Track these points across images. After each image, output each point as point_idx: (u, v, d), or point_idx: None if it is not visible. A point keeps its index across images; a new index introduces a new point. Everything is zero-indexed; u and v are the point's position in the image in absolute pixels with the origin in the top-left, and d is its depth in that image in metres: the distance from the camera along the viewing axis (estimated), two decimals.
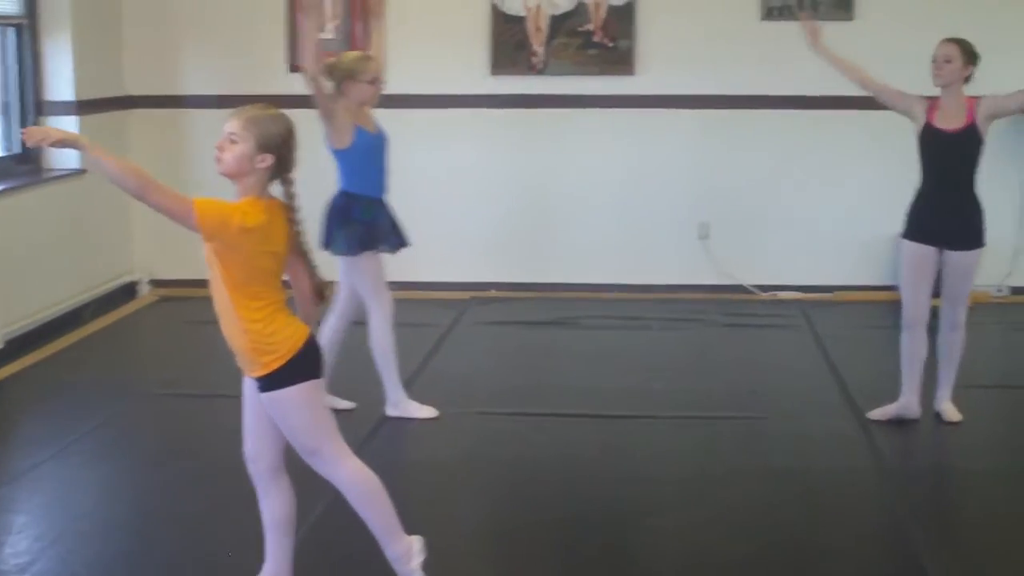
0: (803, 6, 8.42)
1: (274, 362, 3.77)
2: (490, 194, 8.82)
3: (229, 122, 3.83)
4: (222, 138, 3.83)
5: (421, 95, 8.68)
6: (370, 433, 5.83)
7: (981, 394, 6.48)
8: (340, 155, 5.90)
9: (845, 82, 8.53)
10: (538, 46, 8.63)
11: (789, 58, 8.47)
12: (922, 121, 6.00)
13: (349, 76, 5.87)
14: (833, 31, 8.39)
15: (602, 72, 8.63)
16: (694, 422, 6.00)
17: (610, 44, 8.59)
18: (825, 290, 8.69)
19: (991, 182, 8.28)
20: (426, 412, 6.06)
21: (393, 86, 8.59)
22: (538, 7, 8.59)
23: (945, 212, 5.94)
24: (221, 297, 3.89)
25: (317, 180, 5.35)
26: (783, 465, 5.46)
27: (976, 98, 5.90)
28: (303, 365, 3.81)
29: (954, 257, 5.94)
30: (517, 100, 8.69)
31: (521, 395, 6.47)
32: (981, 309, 8.32)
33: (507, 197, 8.79)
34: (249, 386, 3.93)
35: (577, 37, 8.62)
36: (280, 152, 3.82)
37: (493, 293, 8.81)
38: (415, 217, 8.71)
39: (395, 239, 6.12)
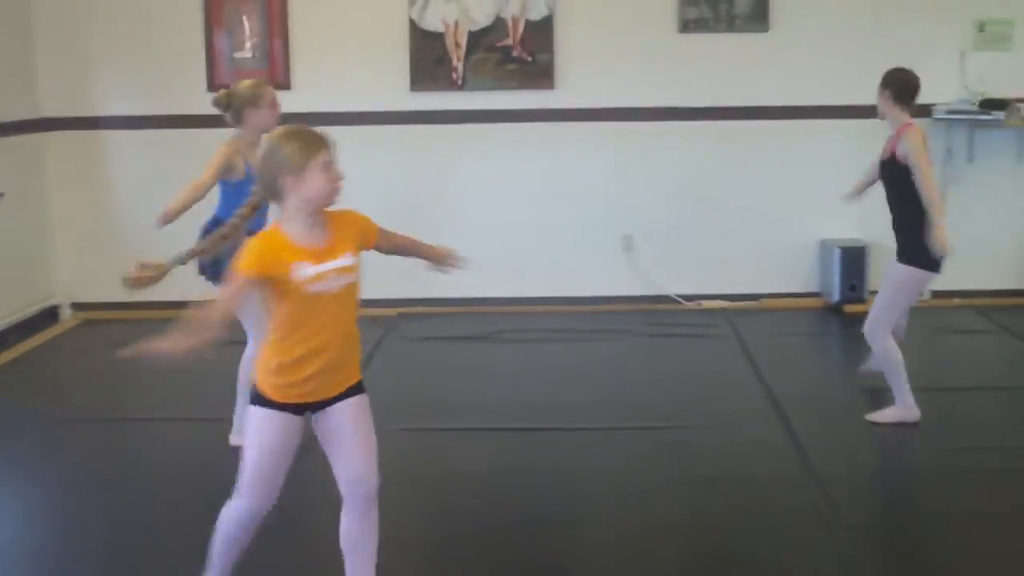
0: (720, 17, 8.49)
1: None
2: (413, 210, 8.79)
3: (329, 150, 3.80)
4: (334, 166, 3.83)
5: (340, 112, 8.65)
6: (302, 449, 5.78)
7: None
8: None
9: (763, 93, 8.68)
10: (457, 62, 8.63)
11: (706, 70, 8.58)
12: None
13: (250, 104, 5.82)
14: (749, 43, 8.54)
15: (522, 87, 8.65)
16: (621, 433, 6.01)
17: (529, 59, 8.62)
18: (750, 298, 8.76)
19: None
20: None
21: (312, 104, 8.60)
22: (456, 23, 8.59)
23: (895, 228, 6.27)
24: (351, 316, 4.09)
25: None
26: (711, 474, 5.49)
27: (907, 128, 6.00)
28: None
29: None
30: (437, 116, 8.69)
31: (448, 410, 6.47)
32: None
33: (430, 213, 8.77)
34: (338, 412, 3.97)
35: (496, 52, 8.63)
36: None
37: (420, 309, 8.80)
38: None
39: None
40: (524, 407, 6.46)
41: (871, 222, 8.62)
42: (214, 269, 5.66)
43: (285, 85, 8.66)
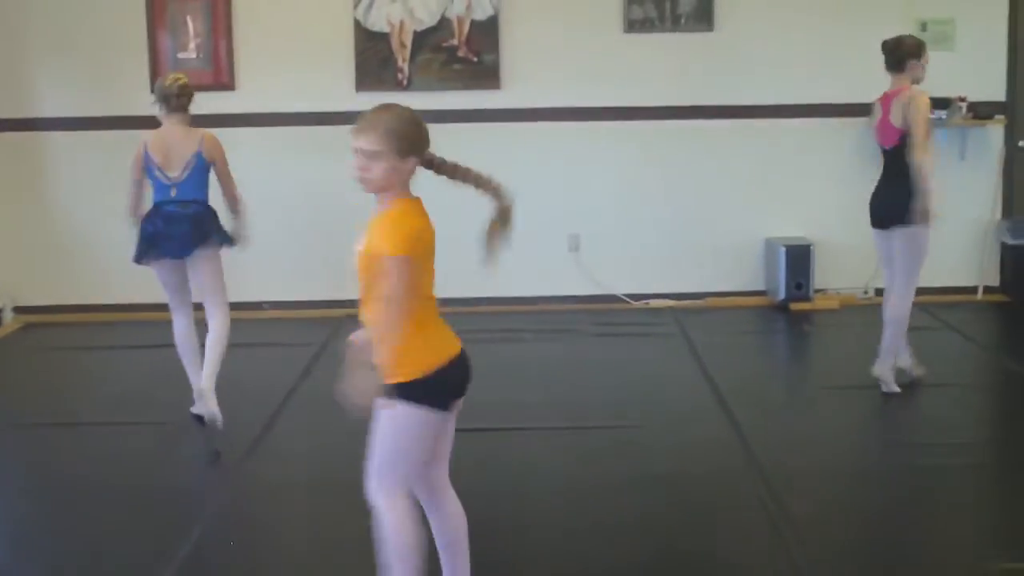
0: (665, 17, 8.52)
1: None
2: (360, 210, 8.72)
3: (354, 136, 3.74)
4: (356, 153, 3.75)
5: (285, 113, 8.61)
6: (247, 453, 5.77)
7: (851, 394, 6.59)
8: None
9: (708, 92, 8.72)
10: (403, 62, 8.61)
11: (652, 70, 8.60)
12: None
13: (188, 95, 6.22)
14: (694, 42, 8.57)
15: (468, 87, 8.64)
16: (569, 432, 6.01)
17: (475, 59, 8.61)
18: (697, 297, 8.79)
19: (854, 186, 8.51)
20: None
21: (258, 105, 8.56)
22: (402, 23, 8.57)
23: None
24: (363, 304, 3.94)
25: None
26: (659, 472, 5.49)
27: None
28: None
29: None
30: None
31: None
32: (848, 311, 8.52)
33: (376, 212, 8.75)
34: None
35: (442, 52, 8.62)
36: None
37: None
38: (288, 235, 8.70)
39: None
40: (472, 407, 6.37)
41: (815, 221, 8.71)
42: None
43: (229, 86, 8.62)
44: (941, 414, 6.30)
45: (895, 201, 6.31)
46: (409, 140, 3.76)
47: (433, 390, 3.77)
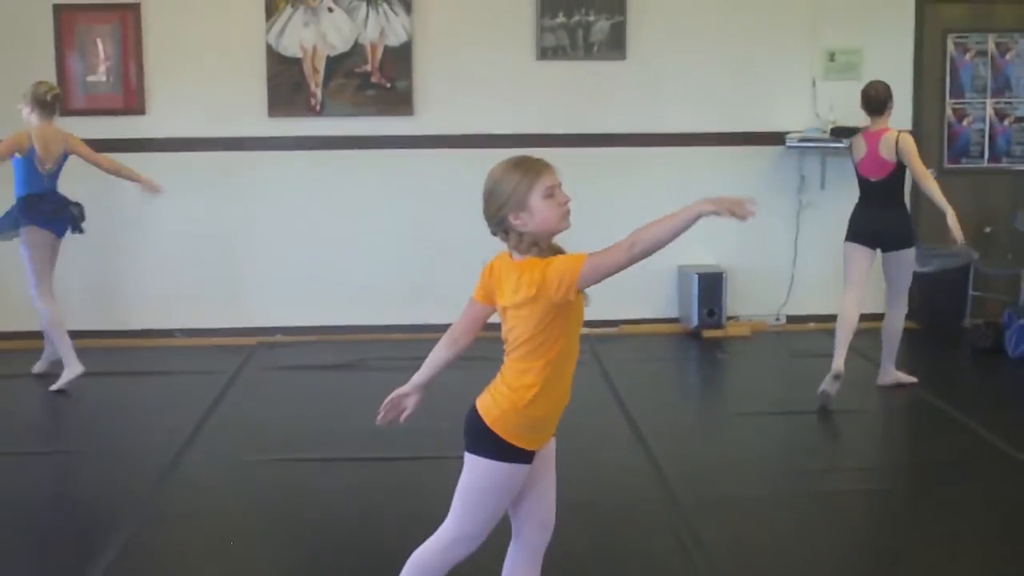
0: (578, 45, 8.57)
1: None
2: (272, 237, 8.71)
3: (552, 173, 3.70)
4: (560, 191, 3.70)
5: (197, 138, 8.53)
6: (159, 480, 5.69)
7: (763, 420, 6.65)
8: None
9: (618, 119, 8.77)
10: (315, 87, 8.57)
11: (564, 97, 8.64)
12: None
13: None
14: (607, 70, 8.63)
15: (381, 113, 8.62)
16: None
17: (388, 85, 8.59)
18: (610, 324, 8.81)
19: (766, 214, 8.53)
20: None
21: (168, 129, 8.48)
22: (314, 48, 8.54)
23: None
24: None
25: None
26: (573, 500, 5.46)
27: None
28: None
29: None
30: (296, 142, 8.62)
31: (311, 440, 6.38)
32: (759, 338, 8.59)
33: (290, 239, 8.70)
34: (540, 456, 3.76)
35: (355, 78, 8.59)
36: None
37: (280, 338, 8.70)
38: (199, 262, 8.61)
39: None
40: (387, 436, 6.34)
41: (727, 249, 8.78)
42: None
43: (139, 110, 8.54)
44: (850, 440, 6.37)
45: (901, 225, 7.04)
46: None
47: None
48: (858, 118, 8.49)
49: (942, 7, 8.94)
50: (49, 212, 7.28)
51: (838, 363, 6.76)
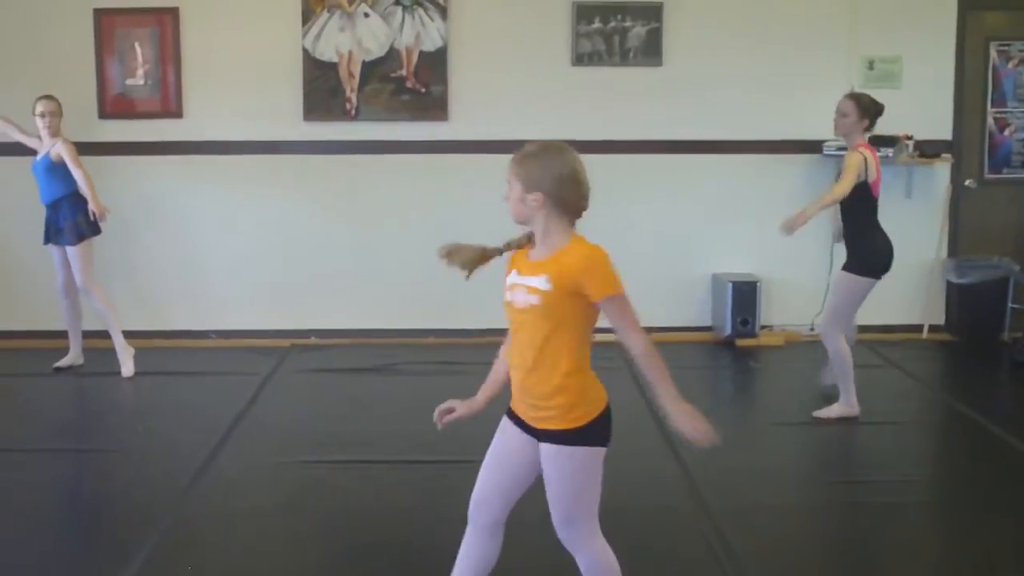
0: (614, 51, 8.55)
1: (583, 417, 3.72)
2: (306, 240, 8.73)
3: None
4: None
5: (233, 141, 8.56)
6: (192, 481, 5.70)
7: (795, 430, 6.61)
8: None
9: (654, 126, 8.74)
10: (351, 92, 8.58)
11: (599, 104, 8.62)
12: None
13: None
14: (643, 77, 8.60)
15: (415, 118, 8.62)
16: None
17: (423, 90, 8.60)
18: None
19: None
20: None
21: (204, 133, 8.51)
22: (350, 53, 8.55)
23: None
24: (534, 341, 3.83)
25: None
26: (603, 505, 5.44)
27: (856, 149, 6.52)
28: (604, 428, 3.80)
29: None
30: (331, 146, 8.63)
31: (342, 443, 6.39)
32: (792, 347, 8.54)
33: (324, 243, 8.72)
34: (541, 453, 3.80)
35: (390, 83, 8.60)
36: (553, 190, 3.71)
37: (313, 340, 8.71)
38: (235, 264, 8.64)
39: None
40: (418, 439, 6.38)
41: (762, 258, 8.73)
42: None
43: (177, 113, 8.57)
44: (884, 451, 6.32)
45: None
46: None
47: (608, 425, 3.83)
48: (898, 127, 8.47)
49: (984, 15, 8.85)
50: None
51: (854, 401, 6.73)
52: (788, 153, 8.70)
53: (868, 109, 6.62)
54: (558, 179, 3.71)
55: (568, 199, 3.71)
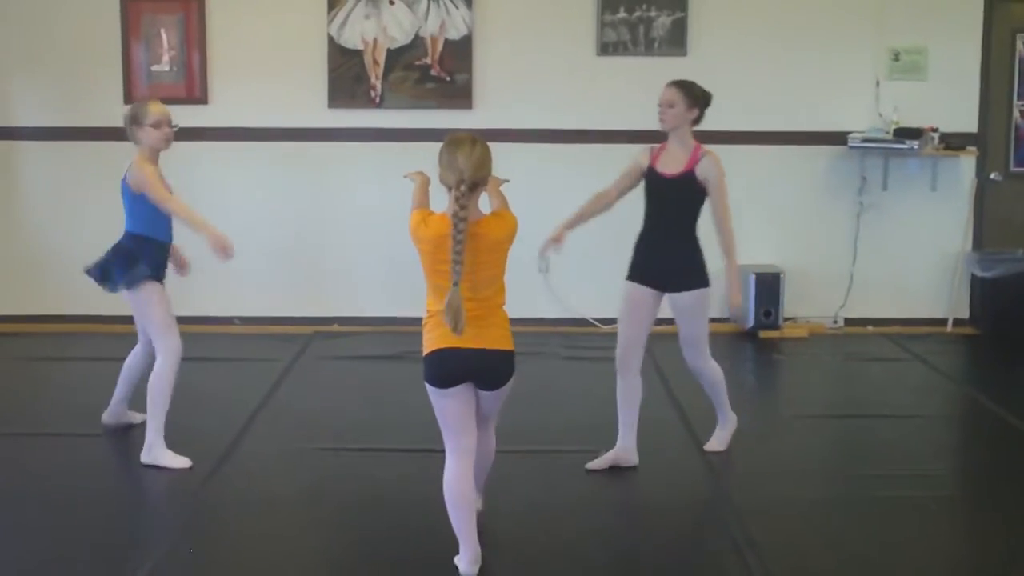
0: (639, 40, 8.53)
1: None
2: (330, 227, 8.74)
3: None
4: None
5: (257, 128, 8.58)
6: (214, 468, 5.71)
7: (819, 423, 6.60)
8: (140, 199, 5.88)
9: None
10: (376, 79, 8.59)
11: (624, 93, 8.60)
12: (645, 165, 5.96)
13: (134, 122, 5.81)
14: (668, 66, 8.56)
15: (440, 106, 8.62)
16: (535, 455, 5.98)
17: (448, 78, 8.59)
18: (665, 323, 8.73)
19: (826, 216, 8.54)
20: (180, 462, 5.73)
21: (229, 119, 8.52)
22: (375, 40, 8.55)
23: (663, 254, 5.98)
24: None
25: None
26: (623, 498, 5.48)
27: (704, 149, 5.93)
28: None
29: (676, 300, 5.97)
30: (356, 133, 8.64)
31: (364, 430, 6.40)
32: (816, 340, 8.53)
33: (348, 230, 8.73)
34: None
35: (415, 71, 8.60)
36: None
37: (336, 328, 8.73)
38: (259, 250, 8.65)
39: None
40: (436, 428, 6.38)
41: (786, 249, 8.71)
42: (102, 274, 5.92)
43: (202, 99, 8.58)
44: (908, 446, 6.29)
45: None
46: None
47: None
48: (923, 119, 8.44)
49: (1012, 6, 8.78)
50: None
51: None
52: (812, 144, 8.68)
53: (699, 99, 5.89)
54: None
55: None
